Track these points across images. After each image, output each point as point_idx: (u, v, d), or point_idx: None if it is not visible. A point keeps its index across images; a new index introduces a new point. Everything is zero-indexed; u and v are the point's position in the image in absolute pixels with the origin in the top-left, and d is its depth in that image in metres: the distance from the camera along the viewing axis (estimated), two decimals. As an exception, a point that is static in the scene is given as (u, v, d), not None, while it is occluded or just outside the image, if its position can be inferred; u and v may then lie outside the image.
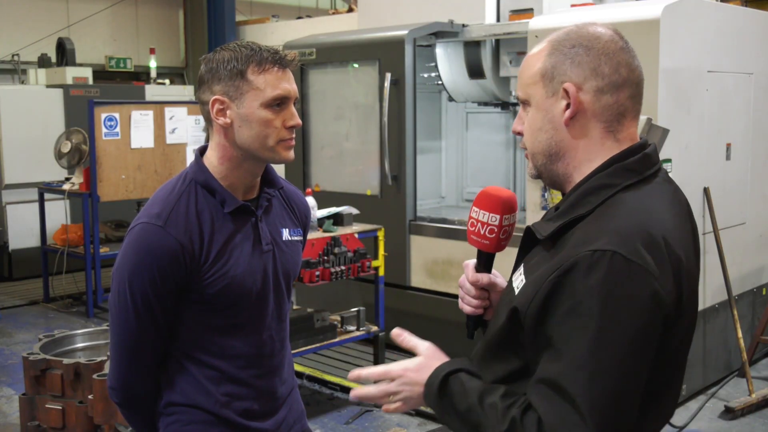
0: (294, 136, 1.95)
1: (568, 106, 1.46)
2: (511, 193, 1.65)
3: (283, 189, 2.13)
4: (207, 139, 2.03)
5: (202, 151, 2.02)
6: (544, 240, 1.46)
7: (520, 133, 1.56)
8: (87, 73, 9.47)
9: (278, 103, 1.90)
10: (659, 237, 1.37)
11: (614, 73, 1.45)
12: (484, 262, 1.67)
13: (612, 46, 1.46)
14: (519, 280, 1.48)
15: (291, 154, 1.96)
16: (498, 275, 1.70)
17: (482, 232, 1.63)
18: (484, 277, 1.67)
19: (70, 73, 9.27)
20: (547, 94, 1.48)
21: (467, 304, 1.69)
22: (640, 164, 1.46)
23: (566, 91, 1.45)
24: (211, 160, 1.98)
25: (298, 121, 1.94)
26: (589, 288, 1.31)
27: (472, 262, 1.68)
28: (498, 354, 1.50)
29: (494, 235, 1.62)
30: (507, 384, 1.46)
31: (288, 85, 1.92)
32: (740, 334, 5.13)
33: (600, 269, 1.31)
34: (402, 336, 1.61)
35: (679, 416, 4.84)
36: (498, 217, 1.61)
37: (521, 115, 1.55)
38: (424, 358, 1.55)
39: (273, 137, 1.91)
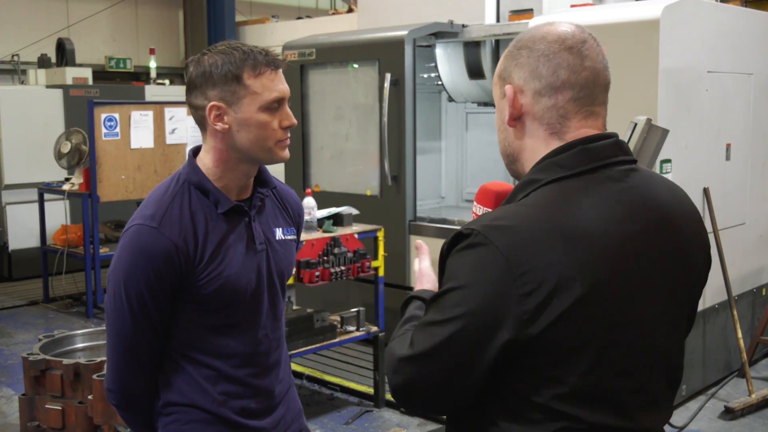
0: (289, 135, 1.97)
1: None
2: (509, 186, 1.62)
3: (276, 189, 2.14)
4: None
5: (195, 152, 2.02)
6: None
7: None
8: (87, 73, 9.47)
9: (275, 105, 1.91)
10: (556, 228, 1.33)
11: (552, 75, 1.42)
12: None
13: (555, 47, 1.42)
14: None
15: (287, 153, 1.98)
16: None
17: None
18: None
19: (70, 74, 9.27)
20: (500, 95, 1.50)
21: None
22: (572, 159, 1.41)
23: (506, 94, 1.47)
24: (205, 161, 1.98)
25: (293, 120, 1.96)
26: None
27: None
28: None
29: None
30: None
31: (282, 86, 1.94)
32: (740, 335, 5.12)
33: (462, 242, 1.38)
34: (422, 247, 1.76)
35: (679, 416, 4.84)
36: (491, 210, 1.59)
37: None
38: (418, 273, 1.72)
39: (271, 139, 1.93)
